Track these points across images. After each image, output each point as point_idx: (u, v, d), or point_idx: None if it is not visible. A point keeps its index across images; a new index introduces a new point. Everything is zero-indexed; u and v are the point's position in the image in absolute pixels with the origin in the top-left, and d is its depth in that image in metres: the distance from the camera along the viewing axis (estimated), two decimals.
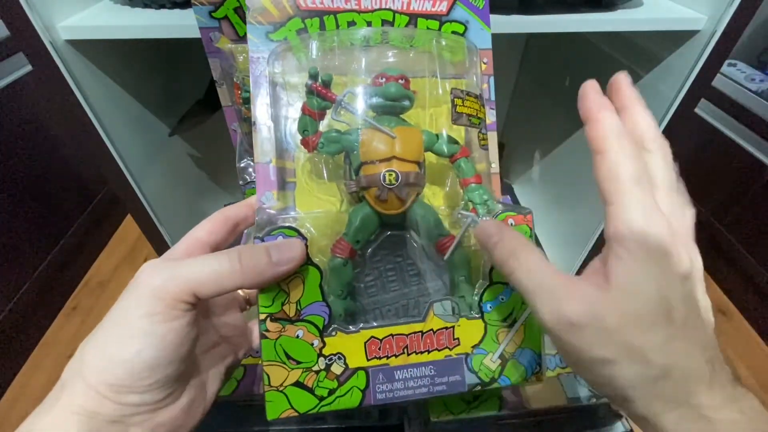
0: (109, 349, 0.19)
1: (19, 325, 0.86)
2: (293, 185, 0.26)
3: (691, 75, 0.46)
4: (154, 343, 0.19)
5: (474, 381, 0.25)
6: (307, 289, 0.23)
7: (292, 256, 0.22)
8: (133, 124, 0.52)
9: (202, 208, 0.73)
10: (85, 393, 0.18)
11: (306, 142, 0.25)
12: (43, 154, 0.93)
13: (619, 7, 0.44)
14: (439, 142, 0.26)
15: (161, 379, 0.19)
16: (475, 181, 0.26)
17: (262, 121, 0.25)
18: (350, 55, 0.26)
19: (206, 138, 0.67)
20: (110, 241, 1.15)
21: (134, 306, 0.19)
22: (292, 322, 0.23)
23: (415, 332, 0.25)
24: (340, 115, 0.25)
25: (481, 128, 0.28)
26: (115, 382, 0.18)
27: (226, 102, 0.44)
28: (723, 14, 0.41)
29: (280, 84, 0.26)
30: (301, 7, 0.25)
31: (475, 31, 0.28)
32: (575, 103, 0.22)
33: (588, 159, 0.21)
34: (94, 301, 1.00)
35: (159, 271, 0.20)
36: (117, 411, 0.19)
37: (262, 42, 0.25)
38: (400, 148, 0.24)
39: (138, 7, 0.42)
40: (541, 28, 0.41)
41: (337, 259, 0.24)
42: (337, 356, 0.23)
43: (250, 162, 0.46)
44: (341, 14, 0.26)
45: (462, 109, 0.27)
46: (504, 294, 0.25)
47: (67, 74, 0.40)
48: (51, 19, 0.38)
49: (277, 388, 0.23)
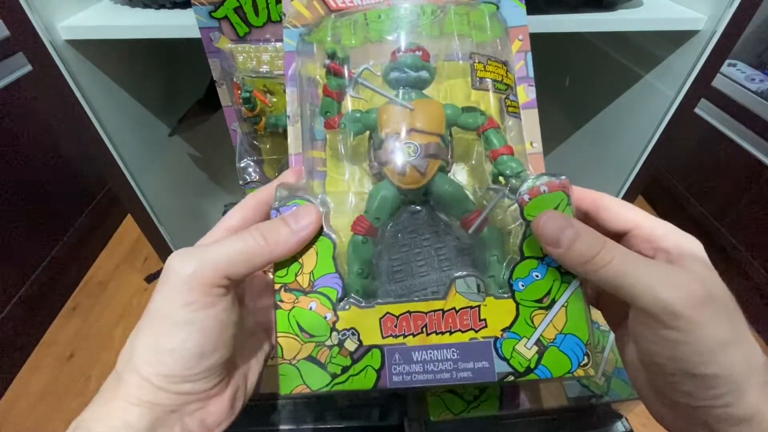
0: (155, 341, 0.19)
1: (19, 325, 0.86)
2: (323, 174, 0.26)
3: (691, 75, 0.46)
4: (196, 331, 0.19)
5: (505, 369, 0.22)
6: (320, 260, 0.23)
7: (309, 221, 0.22)
8: (133, 124, 0.52)
9: (202, 208, 0.73)
10: (140, 385, 0.19)
11: (329, 124, 0.25)
12: (43, 154, 0.93)
13: (619, 7, 0.44)
14: (465, 114, 0.25)
15: (210, 367, 0.20)
16: (506, 152, 0.24)
17: (294, 113, 0.26)
18: (380, 46, 0.26)
19: (206, 138, 0.67)
20: (110, 241, 1.15)
21: (171, 297, 0.19)
22: (305, 293, 0.23)
23: (435, 310, 0.23)
24: (359, 93, 0.25)
25: (508, 95, 0.26)
26: (166, 373, 0.19)
27: (226, 102, 0.44)
28: (723, 14, 0.41)
29: (311, 78, 0.26)
30: (331, 7, 0.26)
31: (508, 8, 0.27)
32: (575, 103, 0.22)
33: (588, 159, 0.21)
34: (94, 301, 1.00)
35: (189, 259, 0.20)
36: (173, 400, 0.19)
37: (297, 43, 0.26)
38: (419, 120, 0.23)
39: (138, 7, 0.42)
40: (541, 28, 0.41)
41: (357, 237, 0.24)
42: (350, 332, 0.22)
43: (250, 162, 0.46)
44: (370, 12, 0.26)
45: (484, 74, 0.25)
46: (539, 270, 0.22)
47: (67, 74, 0.40)
48: (51, 19, 0.38)
49: (290, 362, 0.22)
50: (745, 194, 0.97)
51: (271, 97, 0.42)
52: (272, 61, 0.39)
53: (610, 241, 0.20)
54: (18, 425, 0.78)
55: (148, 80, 0.56)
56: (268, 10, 0.37)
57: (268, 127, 0.43)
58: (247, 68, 0.40)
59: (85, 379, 0.85)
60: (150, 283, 0.98)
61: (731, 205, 1.01)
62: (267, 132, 0.44)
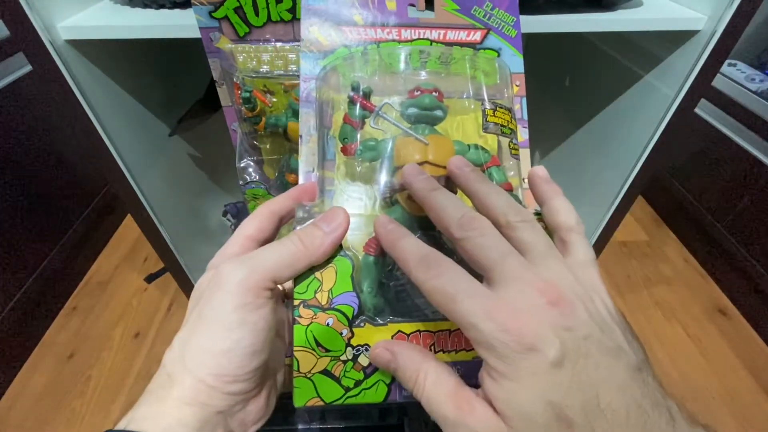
0: (212, 343, 0.20)
1: (19, 325, 0.86)
2: (332, 193, 0.28)
3: (691, 75, 0.46)
4: (249, 331, 0.21)
5: None
6: (339, 278, 0.24)
7: (340, 221, 0.24)
8: (133, 124, 0.52)
9: (202, 208, 0.73)
10: (195, 386, 0.20)
11: (346, 149, 0.27)
12: (43, 153, 0.94)
13: (619, 7, 0.44)
14: (471, 152, 0.28)
15: (258, 366, 0.21)
16: (506, 188, 0.27)
17: (308, 133, 0.28)
18: (392, 79, 0.29)
19: (206, 138, 0.67)
20: (110, 241, 1.15)
21: (225, 301, 0.21)
22: (323, 309, 0.24)
23: (443, 330, 0.25)
24: (378, 124, 0.27)
25: (512, 138, 0.29)
26: (221, 372, 0.20)
27: (226, 102, 0.44)
28: (723, 14, 0.41)
29: (325, 101, 0.29)
30: (348, 37, 0.29)
31: (508, 57, 0.30)
32: (575, 103, 0.22)
33: (588, 159, 0.21)
34: (94, 301, 1.00)
35: (239, 265, 0.21)
36: (224, 401, 0.20)
37: (313, 67, 0.29)
38: (432, 153, 0.26)
39: (138, 7, 0.42)
40: (541, 28, 0.41)
41: (369, 257, 0.25)
42: (364, 347, 0.24)
43: (250, 162, 0.46)
44: (383, 44, 0.29)
45: (492, 119, 0.29)
46: None
47: (67, 74, 0.40)
48: (51, 19, 0.38)
49: (305, 375, 0.23)
50: (745, 194, 0.98)
51: (271, 97, 0.42)
52: (272, 61, 0.39)
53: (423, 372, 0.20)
54: (18, 425, 0.78)
55: (148, 80, 0.56)
56: (268, 10, 0.37)
57: (268, 127, 0.43)
58: (247, 68, 0.40)
59: (85, 379, 0.85)
60: (150, 282, 0.98)
61: (731, 205, 1.02)
62: (267, 132, 0.44)
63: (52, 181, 0.96)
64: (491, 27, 0.30)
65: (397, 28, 0.29)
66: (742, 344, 0.95)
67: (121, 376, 0.86)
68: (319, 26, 0.29)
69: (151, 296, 1.01)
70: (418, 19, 0.30)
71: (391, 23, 0.29)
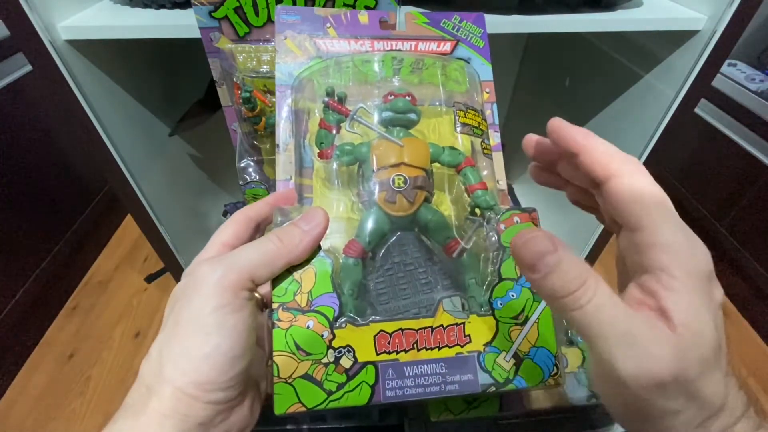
0: (188, 349, 0.19)
1: (19, 325, 0.86)
2: (310, 200, 0.28)
3: (691, 75, 0.46)
4: (228, 334, 0.20)
5: (488, 381, 0.24)
6: (319, 279, 0.24)
7: (319, 220, 0.24)
8: (133, 124, 0.52)
9: (202, 207, 0.73)
10: (174, 396, 0.19)
11: (323, 154, 0.28)
12: (43, 154, 0.94)
13: (619, 7, 0.44)
14: (445, 153, 0.28)
15: (239, 373, 0.20)
16: (481, 187, 0.27)
17: (285, 142, 0.28)
18: (366, 86, 0.29)
19: (206, 138, 0.67)
20: (110, 241, 1.15)
21: (201, 304, 0.20)
22: (303, 312, 0.23)
23: (425, 327, 0.25)
24: (354, 128, 0.28)
25: (483, 138, 0.30)
26: (201, 380, 0.19)
27: (226, 102, 0.44)
28: (723, 14, 0.41)
29: (301, 109, 0.29)
30: (321, 49, 0.30)
31: (477, 66, 0.31)
32: (575, 103, 0.22)
33: None
34: (94, 300, 1.00)
35: (215, 266, 0.21)
36: (206, 411, 0.19)
37: (288, 77, 0.29)
38: (407, 155, 0.26)
39: (138, 7, 0.42)
40: (541, 28, 0.41)
41: (349, 259, 0.25)
42: (346, 349, 0.24)
43: (250, 162, 0.46)
44: (357, 56, 0.30)
45: (464, 120, 0.29)
46: (514, 290, 0.25)
47: (67, 74, 0.40)
48: (51, 19, 0.38)
49: (285, 380, 0.23)
50: (745, 194, 0.98)
51: (271, 97, 0.42)
52: (272, 61, 0.39)
53: (592, 278, 0.17)
54: (18, 425, 0.78)
55: (148, 80, 0.56)
56: (268, 10, 0.37)
57: (268, 127, 0.43)
58: (247, 68, 0.40)
59: (85, 379, 0.85)
60: (150, 282, 0.98)
61: (731, 205, 1.02)
62: (267, 132, 0.44)
63: (52, 181, 0.96)
64: (460, 38, 0.31)
65: (370, 40, 0.30)
66: (742, 344, 0.95)
67: (121, 376, 0.86)
68: (293, 38, 0.30)
69: (151, 296, 1.01)
70: (391, 32, 0.31)
71: (364, 35, 0.30)
